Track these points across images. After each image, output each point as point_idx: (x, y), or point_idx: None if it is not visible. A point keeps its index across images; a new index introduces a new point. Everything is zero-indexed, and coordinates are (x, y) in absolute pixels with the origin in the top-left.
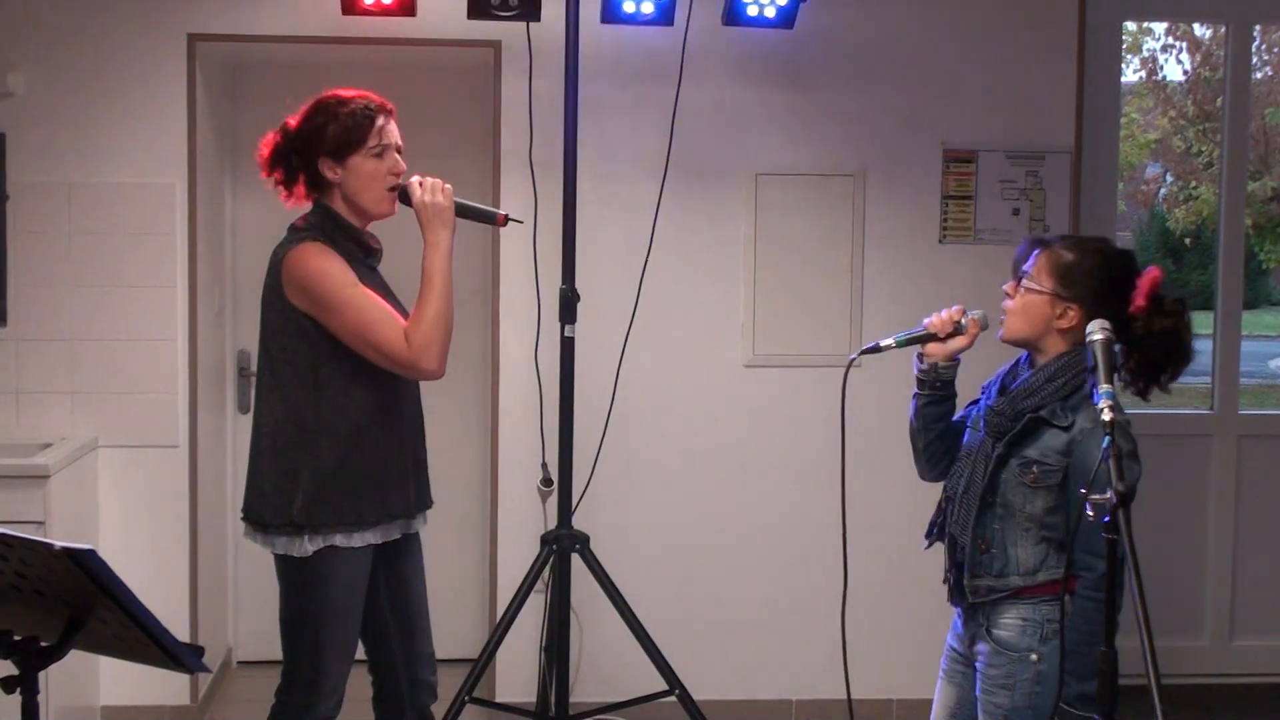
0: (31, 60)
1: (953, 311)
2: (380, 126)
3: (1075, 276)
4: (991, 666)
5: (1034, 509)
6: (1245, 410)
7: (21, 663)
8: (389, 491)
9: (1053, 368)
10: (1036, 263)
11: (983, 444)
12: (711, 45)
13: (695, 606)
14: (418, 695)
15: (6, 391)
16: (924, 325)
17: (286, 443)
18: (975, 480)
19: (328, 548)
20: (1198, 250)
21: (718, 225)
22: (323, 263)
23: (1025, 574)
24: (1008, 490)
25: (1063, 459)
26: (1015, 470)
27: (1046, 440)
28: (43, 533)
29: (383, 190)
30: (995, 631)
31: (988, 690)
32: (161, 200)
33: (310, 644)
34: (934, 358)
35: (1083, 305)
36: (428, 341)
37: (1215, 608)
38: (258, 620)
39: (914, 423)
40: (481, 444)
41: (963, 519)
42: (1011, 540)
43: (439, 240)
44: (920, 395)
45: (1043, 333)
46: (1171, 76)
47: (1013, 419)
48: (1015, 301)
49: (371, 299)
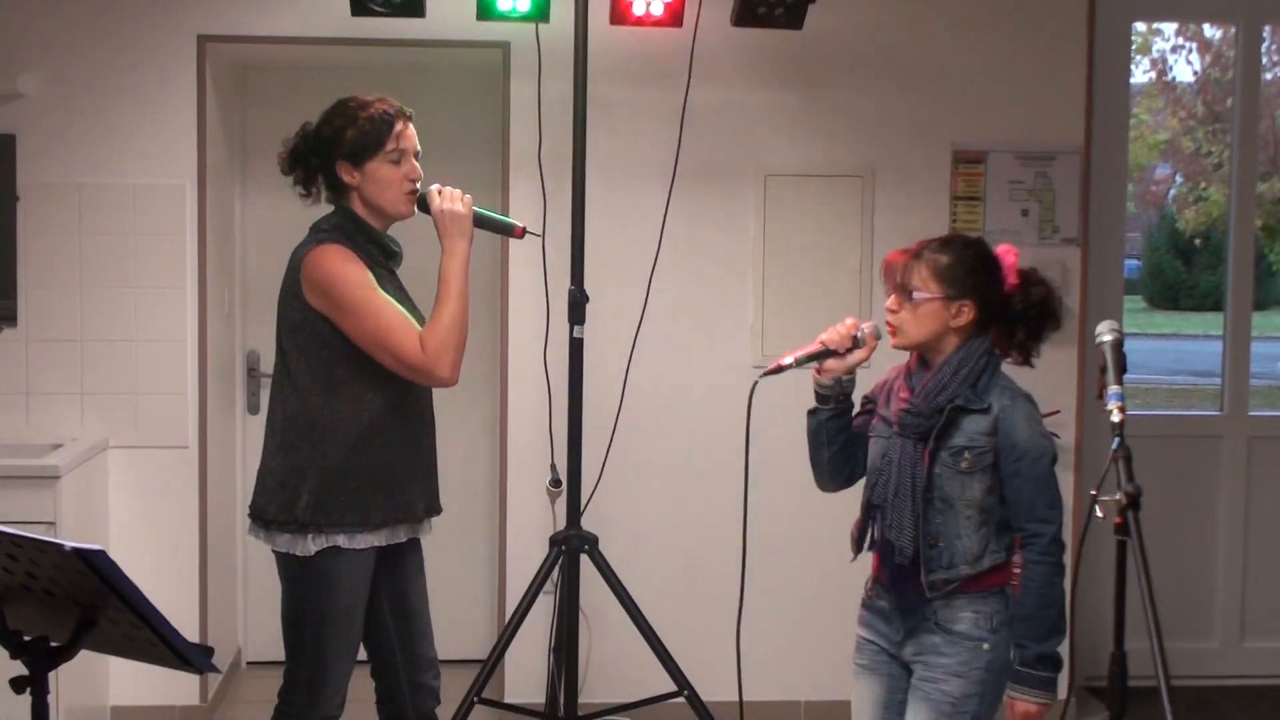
0: (42, 62)
1: (848, 325)
2: (399, 132)
3: (959, 275)
4: (943, 656)
5: (972, 494)
6: (1255, 411)
7: (31, 663)
8: (396, 494)
9: (955, 361)
10: (917, 274)
11: (903, 447)
12: (720, 46)
13: (704, 607)
14: (419, 700)
15: (17, 392)
16: (820, 341)
17: (295, 440)
18: (905, 482)
19: (330, 548)
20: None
21: (727, 226)
22: (342, 265)
23: (972, 561)
24: (943, 483)
25: (990, 439)
26: (947, 461)
27: (969, 426)
28: (53, 533)
29: (400, 194)
30: (947, 624)
31: (934, 679)
32: (171, 201)
33: (312, 645)
34: (835, 373)
35: (974, 298)
36: (442, 349)
37: (1225, 609)
38: (267, 621)
39: (816, 437)
40: (490, 445)
41: (897, 521)
42: (955, 531)
43: (456, 249)
44: (822, 410)
45: (940, 333)
46: (1181, 77)
47: (930, 416)
48: (906, 312)
49: (389, 304)
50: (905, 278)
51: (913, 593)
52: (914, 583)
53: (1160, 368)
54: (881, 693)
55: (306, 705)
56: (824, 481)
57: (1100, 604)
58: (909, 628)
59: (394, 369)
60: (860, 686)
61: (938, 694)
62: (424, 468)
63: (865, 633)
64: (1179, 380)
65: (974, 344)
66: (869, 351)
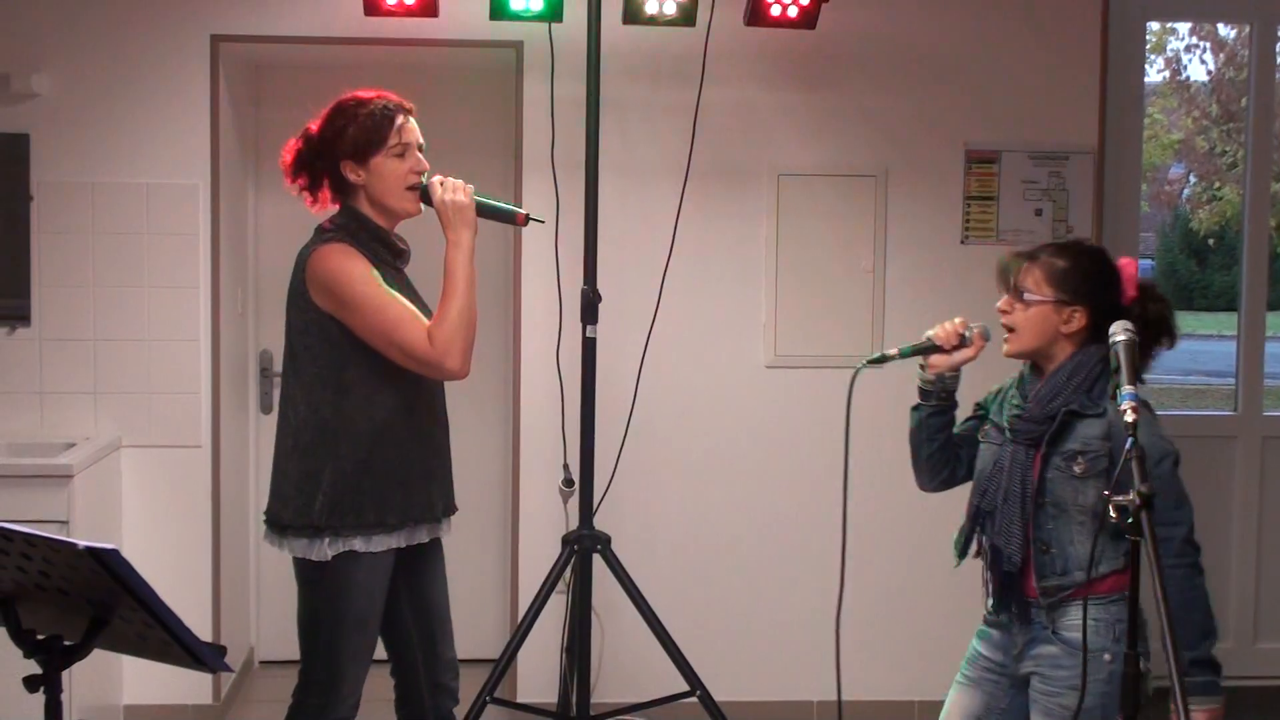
0: (56, 62)
1: (956, 324)
2: (400, 125)
3: (1074, 281)
4: (1061, 668)
5: (1086, 500)
6: (1270, 412)
7: (45, 662)
8: (411, 495)
9: (1069, 368)
10: (1030, 276)
11: (1014, 453)
12: (733, 46)
13: (717, 607)
14: (439, 700)
15: (31, 391)
16: (928, 337)
17: (309, 443)
18: (1015, 488)
19: (347, 552)
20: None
21: (739, 226)
22: (345, 263)
23: (1086, 567)
24: (1056, 488)
25: (1105, 443)
26: (1060, 465)
27: (1084, 431)
28: (66, 532)
29: (405, 189)
30: (1065, 634)
31: (1052, 693)
32: (185, 201)
33: (328, 648)
34: (939, 369)
35: (1087, 306)
36: (451, 340)
37: (1239, 610)
38: (280, 620)
39: (916, 434)
40: (503, 444)
41: (1006, 528)
42: (1068, 538)
43: (460, 239)
44: (924, 406)
45: (1052, 340)
46: (1195, 76)
47: (1043, 422)
48: (1019, 315)
49: (395, 299)
50: (1019, 279)
51: (1022, 601)
52: (1023, 591)
53: (1174, 368)
54: (977, 708)
55: (320, 707)
56: (922, 480)
57: None
58: (1023, 640)
59: (403, 364)
60: (958, 696)
61: (1056, 708)
62: (440, 467)
63: (980, 646)
64: (1193, 380)
65: (1089, 351)
66: (976, 351)
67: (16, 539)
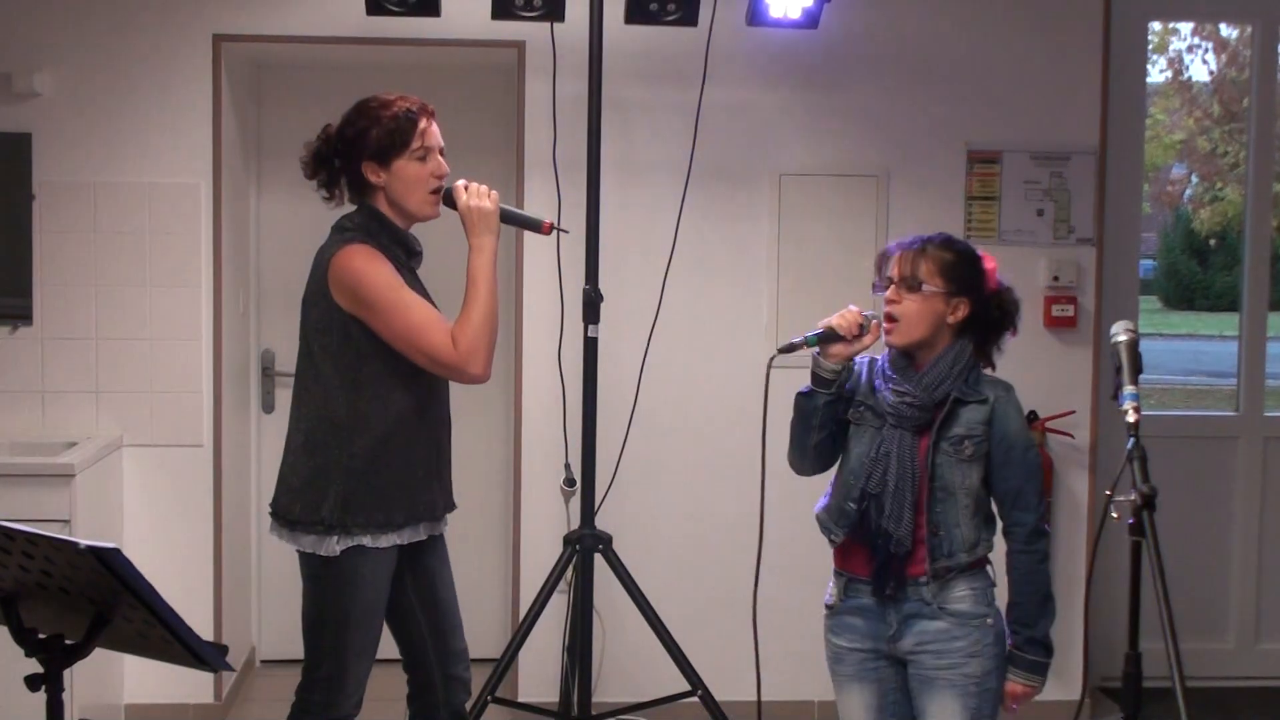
0: (57, 61)
1: (854, 313)
2: (423, 129)
3: (960, 273)
4: (955, 639)
5: (971, 482)
6: (1271, 412)
7: (47, 660)
8: (417, 493)
9: (950, 358)
10: (923, 266)
11: (901, 438)
12: (735, 46)
13: (717, 607)
14: (452, 692)
15: (32, 390)
16: (829, 326)
17: (321, 440)
18: (906, 472)
19: (355, 548)
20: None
21: (741, 226)
22: (371, 265)
23: (969, 549)
24: (944, 472)
25: (986, 428)
26: (948, 450)
27: (967, 416)
28: (68, 531)
29: (426, 193)
30: (951, 606)
31: (953, 664)
32: (186, 200)
33: (333, 643)
34: (840, 357)
35: (970, 297)
36: (475, 346)
37: (1240, 610)
38: (281, 619)
39: (807, 420)
40: (505, 444)
41: (896, 512)
42: (954, 520)
43: (484, 245)
44: (820, 394)
45: (938, 330)
46: (1197, 77)
47: (930, 409)
48: (910, 305)
49: (419, 302)
50: (911, 269)
51: (900, 583)
52: (902, 573)
53: (1176, 368)
54: (874, 698)
55: (324, 704)
56: (804, 465)
57: (1115, 605)
58: (903, 618)
59: (427, 367)
60: (850, 696)
61: (960, 678)
62: (444, 466)
63: (842, 640)
64: (1194, 381)
65: (964, 341)
66: (873, 339)
67: (18, 538)
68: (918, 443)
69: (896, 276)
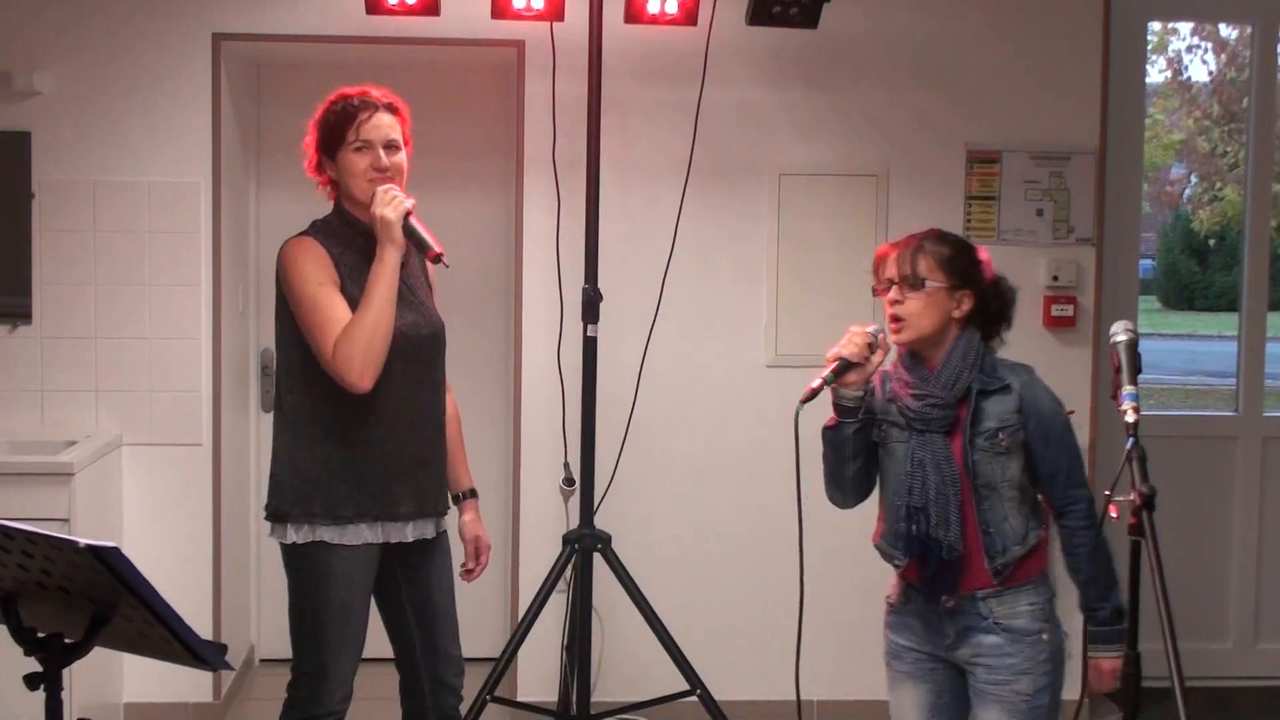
0: (57, 59)
1: (858, 334)
2: (361, 121)
3: (960, 265)
4: (1008, 656)
5: (1011, 473)
6: (1270, 412)
7: (46, 659)
8: (384, 491)
9: (962, 348)
10: (923, 263)
11: (930, 442)
12: (735, 45)
13: (717, 606)
14: (440, 697)
15: (32, 389)
16: (840, 357)
17: (289, 434)
18: (945, 481)
19: (319, 543)
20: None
21: (740, 225)
22: (298, 258)
23: (1020, 540)
24: (983, 469)
25: (1018, 415)
26: (984, 446)
27: (994, 408)
28: (67, 530)
29: (367, 184)
30: (1007, 622)
31: (1003, 680)
32: (186, 199)
33: (312, 638)
34: (858, 384)
35: (973, 289)
36: (349, 354)
37: (1240, 610)
38: (280, 618)
39: (839, 452)
40: (503, 443)
41: (943, 518)
42: (1000, 515)
43: (384, 255)
44: (847, 424)
45: (945, 325)
46: (1197, 77)
47: (953, 405)
48: (914, 304)
49: (330, 301)
50: (911, 267)
51: (956, 592)
52: (956, 581)
53: (1175, 368)
54: (929, 697)
55: (309, 699)
56: (845, 498)
57: None
58: (960, 629)
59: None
60: (903, 693)
61: (1010, 695)
62: (420, 467)
63: (901, 639)
64: (1193, 381)
65: (971, 333)
66: (885, 352)
67: (17, 537)
68: (950, 444)
69: (897, 276)
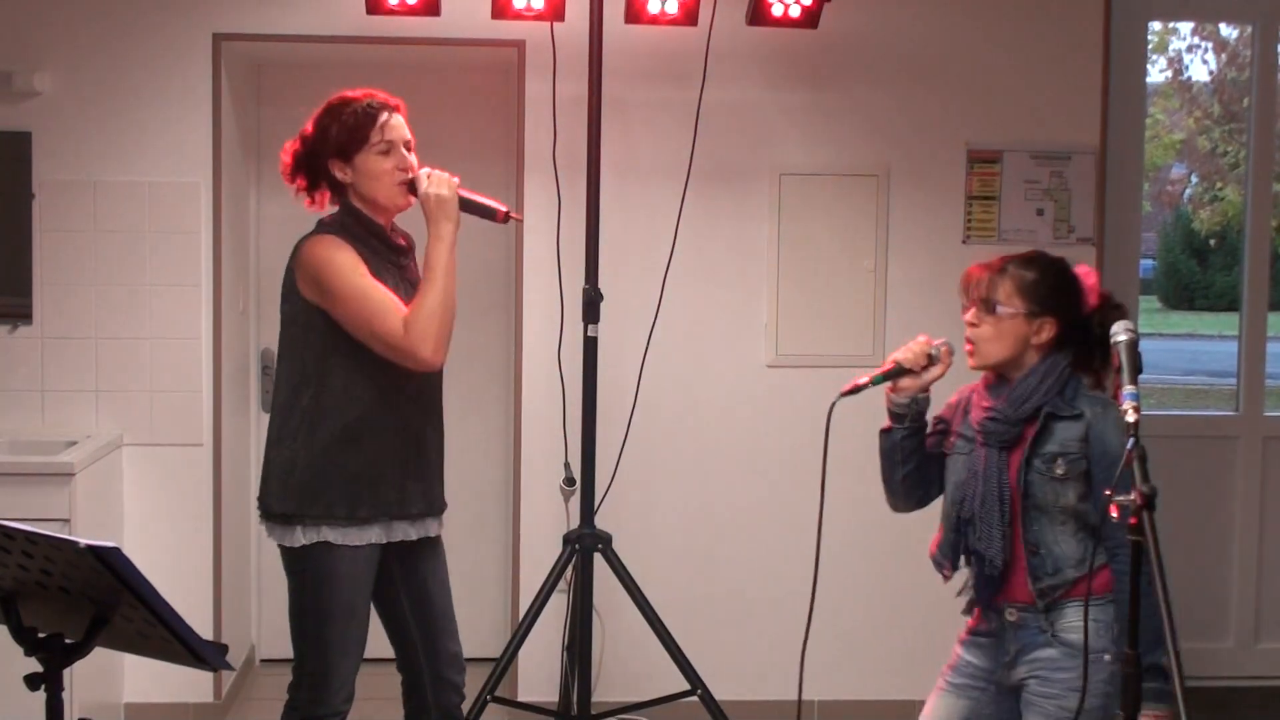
0: (57, 60)
1: (921, 343)
2: (383, 123)
3: (1043, 292)
4: (1062, 670)
5: (1067, 501)
6: (1271, 412)
7: (46, 660)
8: (388, 490)
9: (1040, 372)
10: (1001, 288)
11: (987, 456)
12: (735, 45)
13: (717, 606)
14: (442, 695)
15: (32, 389)
16: (895, 361)
17: (285, 432)
18: (992, 491)
19: (323, 543)
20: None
21: (741, 225)
22: (332, 253)
23: (1077, 564)
24: (1036, 490)
25: (1083, 445)
26: (1040, 468)
27: (1061, 433)
28: (68, 530)
29: (392, 185)
30: (1065, 635)
31: (1052, 695)
32: (186, 199)
33: (314, 639)
34: (909, 391)
35: (1056, 316)
36: (425, 331)
37: (1240, 610)
38: (281, 618)
39: (890, 456)
40: (504, 443)
41: (985, 532)
42: (1052, 538)
43: (442, 232)
44: (897, 429)
45: (1022, 351)
46: (1197, 77)
47: (1016, 424)
48: (989, 328)
49: (376, 288)
50: (989, 291)
51: (1009, 606)
52: (1009, 596)
53: (1175, 368)
54: (964, 714)
55: (312, 700)
56: (897, 502)
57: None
58: (1016, 646)
59: (382, 353)
60: (941, 703)
61: (1057, 710)
62: (424, 465)
63: (968, 655)
64: (1194, 381)
65: (1056, 358)
66: (944, 368)
67: (18, 537)
68: (1007, 460)
69: (977, 299)
